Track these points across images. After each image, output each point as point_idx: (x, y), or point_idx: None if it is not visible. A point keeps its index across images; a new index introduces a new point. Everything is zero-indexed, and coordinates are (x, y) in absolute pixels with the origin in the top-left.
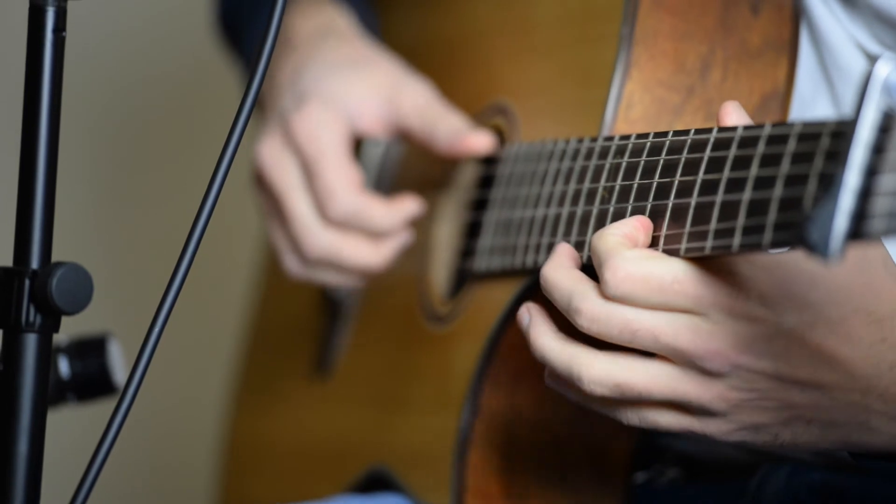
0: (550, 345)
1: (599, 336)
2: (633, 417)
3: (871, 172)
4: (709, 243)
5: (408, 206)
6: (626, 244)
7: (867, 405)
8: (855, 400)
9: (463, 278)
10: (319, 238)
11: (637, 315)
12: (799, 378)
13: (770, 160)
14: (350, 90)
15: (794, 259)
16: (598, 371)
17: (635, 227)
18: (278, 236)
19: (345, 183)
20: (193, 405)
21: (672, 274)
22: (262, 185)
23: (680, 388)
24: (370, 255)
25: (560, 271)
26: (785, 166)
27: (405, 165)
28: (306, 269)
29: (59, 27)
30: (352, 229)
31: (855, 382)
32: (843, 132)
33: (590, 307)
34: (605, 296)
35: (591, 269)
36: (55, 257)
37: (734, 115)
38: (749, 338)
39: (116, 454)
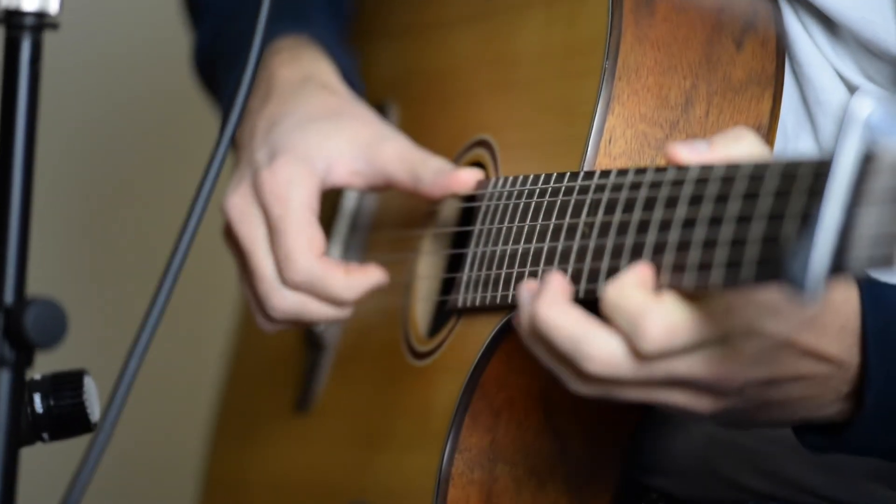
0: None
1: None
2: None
3: (850, 211)
4: (689, 279)
5: (371, 275)
6: (647, 297)
7: (828, 386)
8: (819, 383)
9: (445, 313)
10: (285, 299)
11: (665, 367)
12: (786, 377)
13: (751, 197)
14: (325, 144)
15: None
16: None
17: (644, 275)
18: (248, 293)
19: (304, 247)
20: (172, 441)
21: (693, 317)
22: (231, 238)
23: (682, 403)
24: (336, 313)
25: (557, 310)
26: (765, 203)
27: (385, 200)
28: (274, 326)
29: (35, 58)
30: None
31: (825, 368)
32: (823, 169)
33: (603, 357)
34: (644, 356)
35: (583, 304)
36: (30, 292)
37: (684, 154)
38: (758, 355)
39: (92, 491)
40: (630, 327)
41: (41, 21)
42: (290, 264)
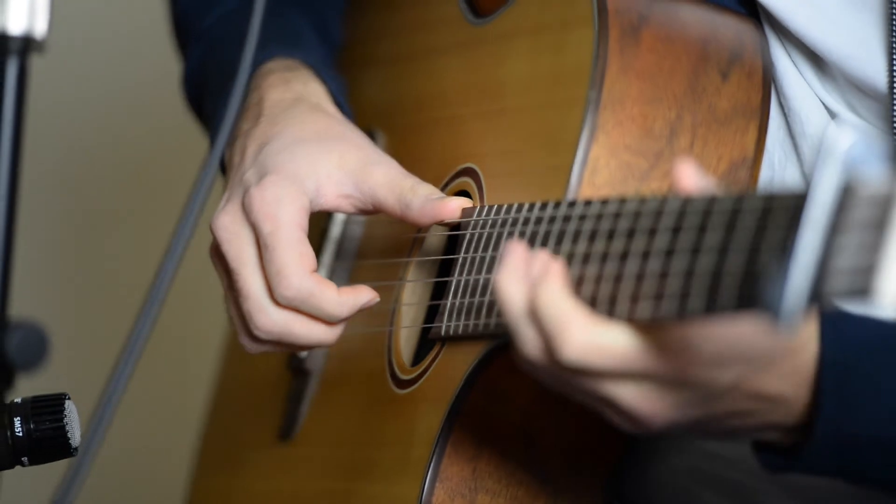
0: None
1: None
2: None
3: (828, 242)
4: (667, 307)
5: (361, 294)
6: (573, 306)
7: (769, 420)
8: (760, 418)
9: (429, 341)
10: (271, 317)
11: (588, 380)
12: (722, 414)
13: (730, 228)
14: (315, 167)
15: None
16: (538, 373)
17: (557, 273)
18: (233, 312)
19: (296, 263)
20: (154, 467)
21: (628, 342)
22: (219, 257)
23: (608, 417)
24: (323, 334)
25: (514, 286)
26: (744, 234)
27: (370, 227)
28: (259, 346)
29: (22, 81)
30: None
31: (765, 405)
32: (801, 202)
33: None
34: (561, 364)
35: None
36: (13, 315)
37: (691, 177)
38: (691, 399)
39: None
40: (551, 336)
41: (28, 44)
42: (281, 280)
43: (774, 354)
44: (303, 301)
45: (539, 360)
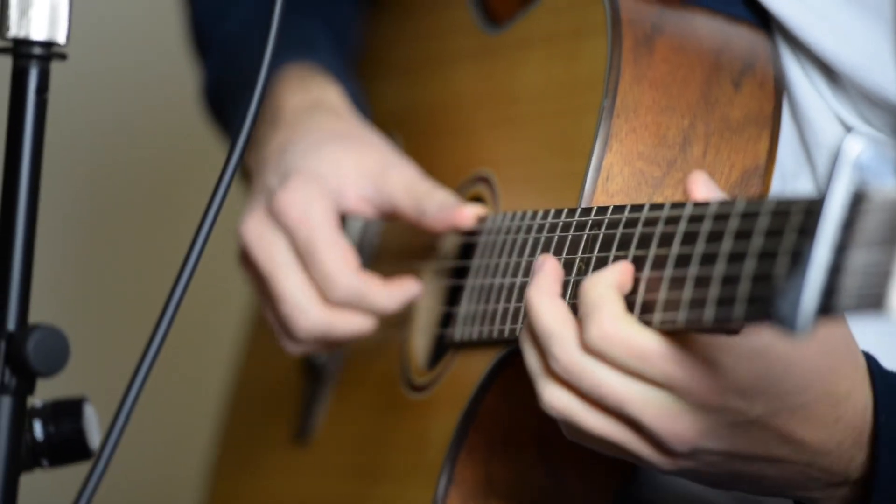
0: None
1: (568, 384)
2: (572, 436)
3: (841, 250)
4: (681, 315)
5: (408, 287)
6: (617, 297)
7: (809, 473)
8: (799, 469)
9: (442, 346)
10: (310, 317)
11: (609, 378)
12: (753, 454)
13: (743, 235)
14: (336, 168)
15: (771, 345)
16: (557, 399)
17: (623, 272)
18: (270, 317)
19: (342, 265)
20: (171, 469)
21: (656, 346)
22: (248, 263)
23: (632, 447)
24: (362, 325)
25: (545, 301)
26: (757, 242)
27: (386, 233)
28: (300, 347)
29: (42, 88)
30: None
31: (804, 456)
32: (814, 208)
33: (566, 357)
34: (584, 344)
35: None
36: (32, 319)
37: (702, 187)
38: (716, 426)
39: None
40: (584, 315)
41: (49, 51)
42: (330, 283)
43: (807, 396)
44: (355, 298)
45: (579, 363)
